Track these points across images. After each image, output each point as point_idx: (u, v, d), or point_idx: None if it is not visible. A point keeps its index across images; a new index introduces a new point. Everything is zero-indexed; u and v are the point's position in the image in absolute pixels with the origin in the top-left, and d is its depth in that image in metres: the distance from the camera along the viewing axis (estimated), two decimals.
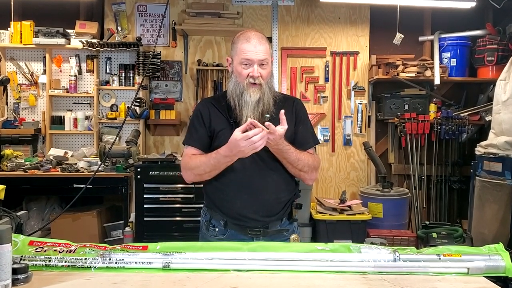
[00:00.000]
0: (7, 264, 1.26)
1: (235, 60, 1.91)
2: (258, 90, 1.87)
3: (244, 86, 1.87)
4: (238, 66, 1.88)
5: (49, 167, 4.09)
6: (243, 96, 1.86)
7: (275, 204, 1.91)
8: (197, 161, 1.88)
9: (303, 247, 1.63)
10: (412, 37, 4.82)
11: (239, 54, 1.87)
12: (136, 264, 1.52)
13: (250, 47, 1.85)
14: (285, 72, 4.85)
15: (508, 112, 3.61)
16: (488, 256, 1.55)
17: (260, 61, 1.86)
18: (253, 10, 4.85)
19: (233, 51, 1.93)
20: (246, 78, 1.86)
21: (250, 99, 1.86)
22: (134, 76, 4.65)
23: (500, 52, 4.52)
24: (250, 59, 1.85)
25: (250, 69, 1.86)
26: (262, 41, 1.89)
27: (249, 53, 1.85)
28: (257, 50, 1.85)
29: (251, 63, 1.86)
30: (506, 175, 3.43)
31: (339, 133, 4.91)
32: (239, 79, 1.89)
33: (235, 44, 1.91)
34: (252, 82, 1.86)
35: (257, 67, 1.86)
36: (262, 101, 1.88)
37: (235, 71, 1.90)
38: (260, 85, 1.87)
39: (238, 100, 1.88)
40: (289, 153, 1.86)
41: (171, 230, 3.89)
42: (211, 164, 1.83)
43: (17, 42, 4.49)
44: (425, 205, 4.72)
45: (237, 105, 1.89)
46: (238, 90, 1.88)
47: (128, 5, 4.74)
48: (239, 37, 1.91)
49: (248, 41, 1.87)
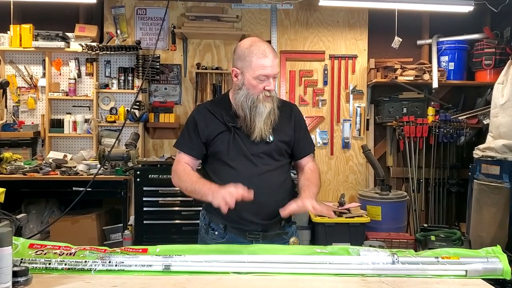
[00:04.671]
0: (7, 267, 1.27)
1: (248, 74, 1.87)
2: (271, 101, 1.90)
3: (259, 98, 1.87)
4: (252, 80, 1.86)
5: (49, 170, 4.10)
6: (258, 108, 1.87)
7: (274, 206, 1.91)
8: (186, 177, 1.89)
9: (302, 249, 1.63)
10: (410, 41, 4.85)
11: (255, 69, 1.85)
12: (136, 266, 1.53)
13: (268, 63, 1.85)
14: (284, 76, 4.87)
15: (506, 115, 3.62)
16: (486, 258, 1.56)
17: (275, 75, 1.89)
18: (252, 14, 4.87)
19: (244, 63, 1.88)
20: (261, 92, 1.87)
21: (265, 110, 1.88)
22: (134, 79, 4.67)
23: (497, 56, 4.55)
24: (268, 75, 1.86)
25: (266, 83, 1.87)
26: (275, 53, 1.91)
27: (267, 68, 1.85)
28: (273, 65, 1.87)
29: (267, 78, 1.87)
30: (504, 178, 3.44)
31: (337, 136, 4.92)
32: (252, 92, 1.88)
33: (249, 58, 1.86)
34: (268, 95, 1.89)
35: (272, 80, 1.88)
36: (273, 111, 1.91)
37: (248, 84, 1.88)
38: (271, 96, 1.90)
39: (250, 111, 1.88)
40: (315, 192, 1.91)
41: (171, 233, 3.89)
42: (194, 189, 1.85)
43: (16, 45, 4.49)
44: (424, 208, 4.72)
45: (247, 115, 1.89)
46: (250, 102, 1.88)
47: (128, 8, 4.76)
48: (252, 50, 1.87)
49: (265, 56, 1.85)
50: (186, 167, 1.94)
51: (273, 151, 1.94)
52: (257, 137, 1.89)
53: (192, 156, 1.97)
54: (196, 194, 1.83)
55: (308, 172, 2.00)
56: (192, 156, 1.97)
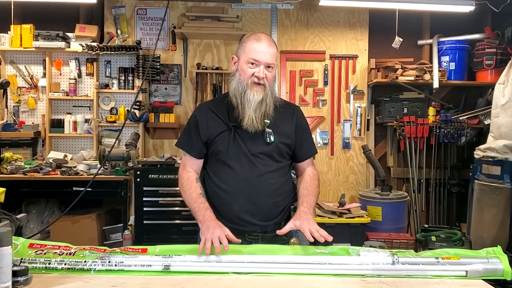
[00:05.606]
0: (7, 267, 1.27)
1: (241, 59, 1.89)
2: (262, 91, 1.87)
3: (248, 84, 1.86)
4: (244, 64, 1.87)
5: (49, 170, 4.10)
6: (246, 94, 1.86)
7: (273, 208, 1.91)
8: (187, 190, 1.91)
9: (302, 250, 1.63)
10: (411, 41, 4.84)
11: (247, 53, 1.86)
12: (136, 266, 1.53)
13: (260, 47, 1.85)
14: (284, 76, 4.86)
15: (507, 115, 3.62)
16: (487, 259, 1.55)
17: (267, 64, 1.87)
18: (252, 14, 4.86)
19: (240, 49, 1.91)
20: (250, 77, 1.86)
21: (253, 98, 1.85)
22: (134, 79, 4.66)
23: (498, 56, 4.55)
24: (258, 60, 1.85)
25: (256, 69, 1.85)
26: (272, 44, 1.90)
27: (258, 53, 1.85)
28: (266, 52, 1.86)
29: (258, 64, 1.85)
30: (504, 179, 3.43)
31: (338, 137, 4.92)
32: (242, 77, 1.87)
33: (244, 43, 1.90)
34: (256, 82, 1.86)
35: (263, 68, 1.86)
36: (264, 102, 1.87)
37: (240, 69, 1.89)
38: (264, 86, 1.87)
39: (241, 99, 1.87)
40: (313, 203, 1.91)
41: (171, 233, 3.88)
42: (190, 207, 1.87)
43: (17, 45, 4.50)
44: (424, 208, 4.72)
45: (239, 103, 1.87)
46: (241, 88, 1.87)
47: (128, 8, 4.76)
48: (250, 37, 1.91)
49: (258, 41, 1.86)
50: (191, 175, 1.94)
51: (274, 152, 1.93)
52: (247, 125, 1.86)
53: (194, 157, 1.97)
54: (192, 212, 1.85)
55: (307, 180, 1.99)
56: (195, 157, 1.97)
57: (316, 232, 1.67)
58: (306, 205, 1.85)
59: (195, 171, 1.97)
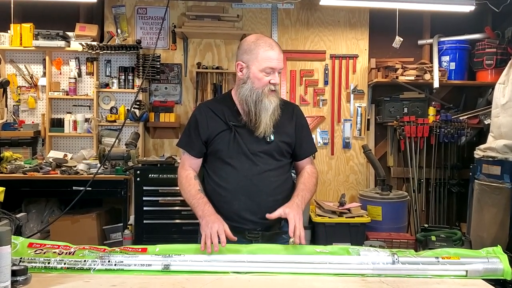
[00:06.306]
0: (6, 266, 1.26)
1: (254, 66, 1.87)
2: (276, 96, 1.91)
3: (264, 92, 1.87)
4: (258, 73, 1.87)
5: (49, 169, 4.09)
6: (263, 102, 1.87)
7: (273, 206, 1.91)
8: (186, 187, 1.92)
9: (302, 249, 1.63)
10: (411, 41, 4.84)
11: (261, 62, 1.86)
12: (135, 266, 1.52)
13: (274, 55, 1.86)
14: (285, 75, 4.86)
15: (507, 115, 3.62)
16: (487, 258, 1.55)
17: (280, 69, 1.90)
18: (252, 13, 4.86)
19: (250, 56, 1.88)
20: (267, 85, 1.87)
21: (270, 105, 1.87)
22: (134, 78, 4.66)
23: (499, 56, 4.54)
24: (274, 68, 1.87)
25: (271, 77, 1.87)
26: (280, 49, 1.92)
27: (274, 61, 1.86)
28: (279, 58, 1.88)
29: (273, 71, 1.87)
30: (505, 179, 3.43)
31: (338, 136, 4.92)
32: (257, 85, 1.87)
33: (254, 50, 1.87)
34: (273, 89, 1.89)
35: (277, 75, 1.89)
36: (277, 107, 1.90)
37: (254, 77, 1.88)
38: (276, 91, 1.91)
39: (255, 106, 1.87)
40: (307, 199, 1.92)
41: (171, 233, 3.89)
42: (190, 203, 1.88)
43: (17, 44, 4.49)
44: (424, 208, 4.72)
45: (252, 110, 1.88)
46: (255, 96, 1.87)
47: (128, 8, 4.76)
48: (259, 43, 1.88)
49: (272, 49, 1.87)
50: (189, 173, 1.96)
51: (274, 151, 1.94)
52: (261, 133, 1.88)
53: (193, 155, 1.98)
54: (191, 208, 1.87)
55: (306, 176, 2.00)
56: (193, 156, 1.98)
57: (298, 231, 1.71)
58: (300, 198, 1.87)
59: (193, 169, 1.98)
